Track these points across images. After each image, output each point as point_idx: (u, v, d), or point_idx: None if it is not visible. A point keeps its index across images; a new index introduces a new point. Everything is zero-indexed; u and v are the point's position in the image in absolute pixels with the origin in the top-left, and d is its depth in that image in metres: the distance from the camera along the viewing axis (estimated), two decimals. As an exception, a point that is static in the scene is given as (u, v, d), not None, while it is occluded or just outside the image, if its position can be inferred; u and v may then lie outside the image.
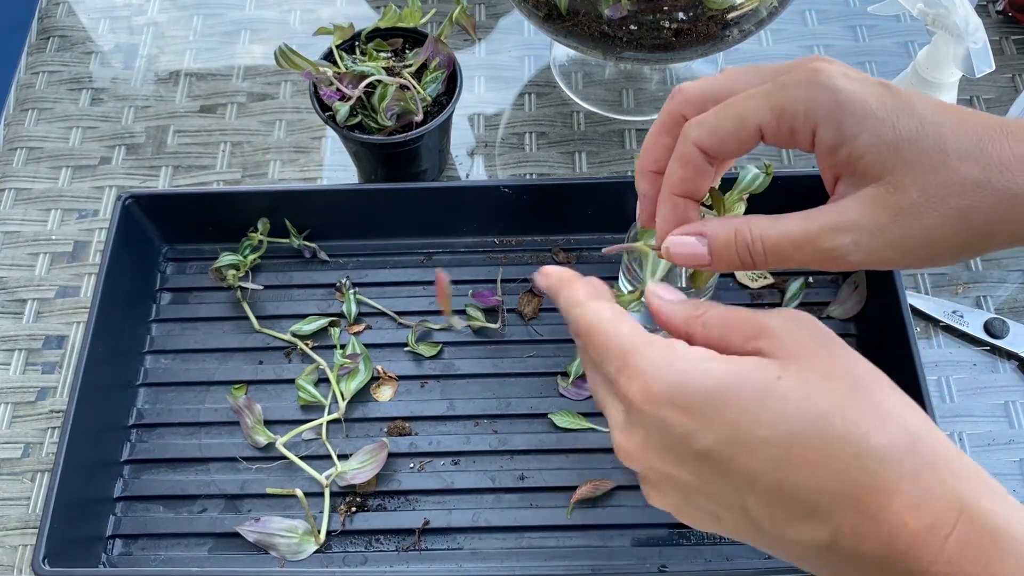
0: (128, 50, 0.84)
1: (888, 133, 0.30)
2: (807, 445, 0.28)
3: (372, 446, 0.61)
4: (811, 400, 0.28)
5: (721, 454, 0.29)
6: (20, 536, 0.61)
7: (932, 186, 0.30)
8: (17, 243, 0.73)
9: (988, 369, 0.65)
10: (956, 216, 0.30)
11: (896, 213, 0.31)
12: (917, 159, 0.30)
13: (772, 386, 0.29)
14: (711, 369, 0.30)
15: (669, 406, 0.30)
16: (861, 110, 0.31)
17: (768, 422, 0.28)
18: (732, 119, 0.33)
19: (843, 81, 0.31)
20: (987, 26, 0.78)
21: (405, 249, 0.71)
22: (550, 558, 0.59)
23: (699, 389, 0.29)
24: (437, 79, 0.67)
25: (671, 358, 0.30)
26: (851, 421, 0.28)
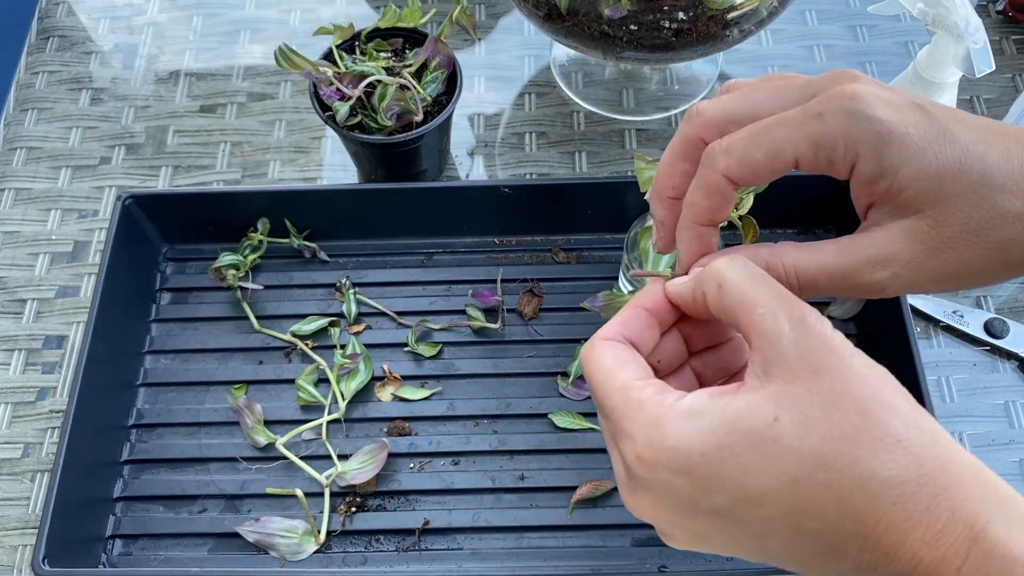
0: (128, 50, 0.84)
1: (931, 165, 0.29)
2: (814, 491, 0.27)
3: (372, 446, 0.61)
4: (811, 441, 0.27)
5: (734, 510, 0.29)
6: (20, 536, 0.61)
7: (975, 220, 0.29)
8: (17, 243, 0.73)
9: (988, 369, 0.65)
10: (996, 249, 0.30)
11: (937, 248, 0.30)
12: (961, 192, 0.29)
13: (767, 433, 0.28)
14: (702, 427, 0.29)
15: (668, 471, 0.29)
16: (902, 142, 0.29)
17: (771, 474, 0.28)
18: (765, 150, 0.31)
19: (883, 110, 0.30)
20: (987, 26, 0.78)
21: (405, 249, 0.71)
22: (550, 558, 0.59)
23: (693, 453, 0.28)
24: (437, 79, 0.67)
25: (661, 424, 0.29)
26: (856, 459, 0.27)
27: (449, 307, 0.68)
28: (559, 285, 0.69)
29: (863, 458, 0.27)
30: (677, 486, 0.29)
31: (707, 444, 0.28)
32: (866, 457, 0.27)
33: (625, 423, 0.30)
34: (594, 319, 0.65)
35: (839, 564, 0.28)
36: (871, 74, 0.80)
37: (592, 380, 0.32)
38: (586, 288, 0.67)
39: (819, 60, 0.81)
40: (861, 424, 0.27)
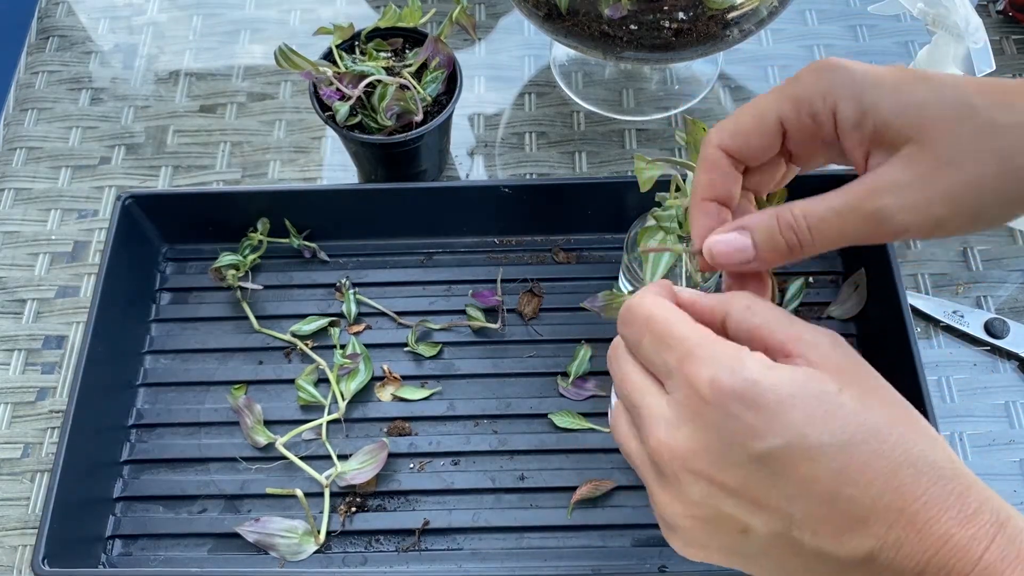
0: (128, 50, 0.84)
1: (909, 97, 0.30)
2: (867, 456, 0.28)
3: (372, 446, 0.61)
4: (869, 414, 0.29)
5: (783, 458, 0.29)
6: (19, 536, 0.61)
7: (965, 135, 0.30)
8: (17, 243, 0.73)
9: (988, 369, 0.65)
10: (997, 158, 0.30)
11: (935, 167, 0.30)
12: (943, 113, 0.30)
13: (834, 398, 0.29)
14: (780, 375, 0.30)
15: (738, 401, 0.29)
16: (876, 81, 0.31)
17: (831, 429, 0.29)
18: (750, 115, 0.33)
19: (854, 63, 0.32)
20: (987, 26, 0.78)
21: (405, 249, 0.71)
22: (550, 558, 0.59)
23: (770, 390, 0.29)
24: (437, 79, 0.67)
25: (742, 357, 0.30)
26: (908, 439, 0.29)
27: (449, 307, 0.68)
28: (559, 285, 0.69)
29: (914, 439, 0.29)
30: (740, 420, 0.29)
31: (781, 388, 0.29)
32: (916, 439, 0.29)
33: (703, 349, 0.30)
34: (594, 319, 0.65)
35: (859, 542, 0.28)
36: (871, 74, 0.80)
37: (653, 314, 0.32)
38: (586, 288, 0.67)
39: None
40: (912, 420, 0.30)
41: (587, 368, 0.64)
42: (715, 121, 0.77)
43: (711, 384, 0.29)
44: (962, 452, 0.62)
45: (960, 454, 0.62)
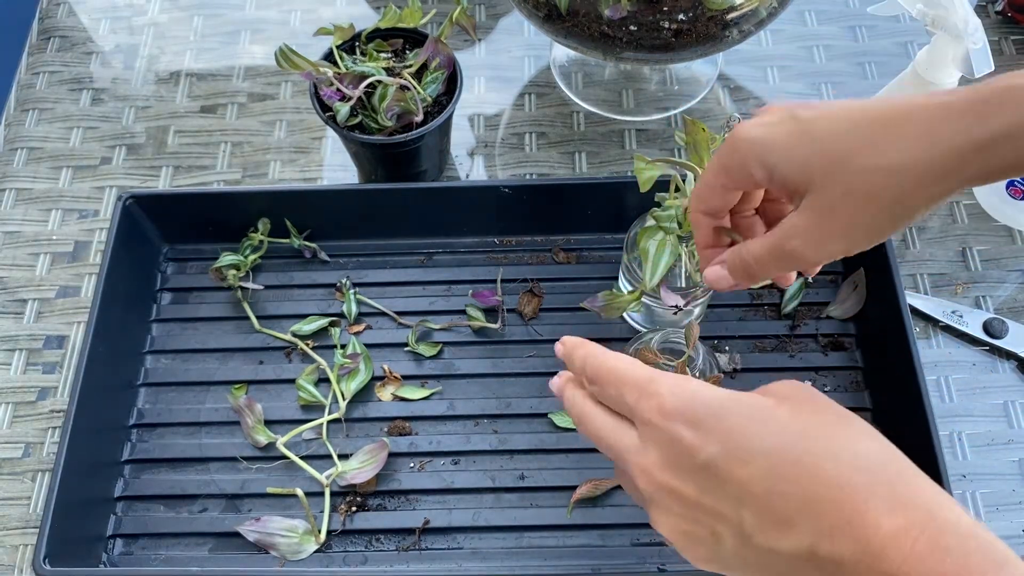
0: (129, 50, 0.84)
1: (798, 158, 0.38)
2: (793, 456, 0.31)
3: (372, 446, 0.61)
4: (798, 421, 0.33)
5: (720, 464, 0.32)
6: (21, 536, 0.61)
7: (840, 184, 0.37)
8: (18, 243, 0.73)
9: (987, 369, 0.65)
10: (866, 198, 0.37)
11: (822, 213, 0.38)
12: (823, 168, 0.37)
13: (766, 409, 0.33)
14: (714, 392, 0.34)
15: (680, 420, 0.34)
16: (772, 146, 0.38)
17: (760, 435, 0.32)
18: (706, 189, 0.43)
19: (756, 131, 0.39)
20: (986, 27, 0.79)
21: (405, 249, 0.71)
22: (550, 557, 0.59)
23: (704, 405, 0.34)
24: (437, 79, 0.67)
25: (683, 381, 0.35)
26: (832, 437, 0.32)
27: (449, 307, 0.68)
28: (559, 285, 0.69)
29: (839, 437, 0.32)
30: (684, 436, 0.33)
31: (717, 403, 0.34)
32: (842, 437, 0.32)
33: (652, 385, 0.35)
34: (594, 319, 0.65)
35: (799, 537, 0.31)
36: (871, 75, 0.80)
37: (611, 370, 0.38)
38: (586, 288, 0.67)
39: (819, 61, 0.81)
40: (842, 423, 0.33)
41: (587, 368, 0.65)
42: (715, 121, 0.77)
43: (659, 409, 0.34)
44: (961, 452, 0.62)
45: (959, 454, 0.62)
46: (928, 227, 0.72)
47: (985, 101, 0.35)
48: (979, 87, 0.36)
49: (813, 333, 0.66)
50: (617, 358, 0.38)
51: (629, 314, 0.67)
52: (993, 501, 0.61)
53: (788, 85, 0.80)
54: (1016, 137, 0.34)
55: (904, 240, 0.71)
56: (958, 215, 0.72)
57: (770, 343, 0.66)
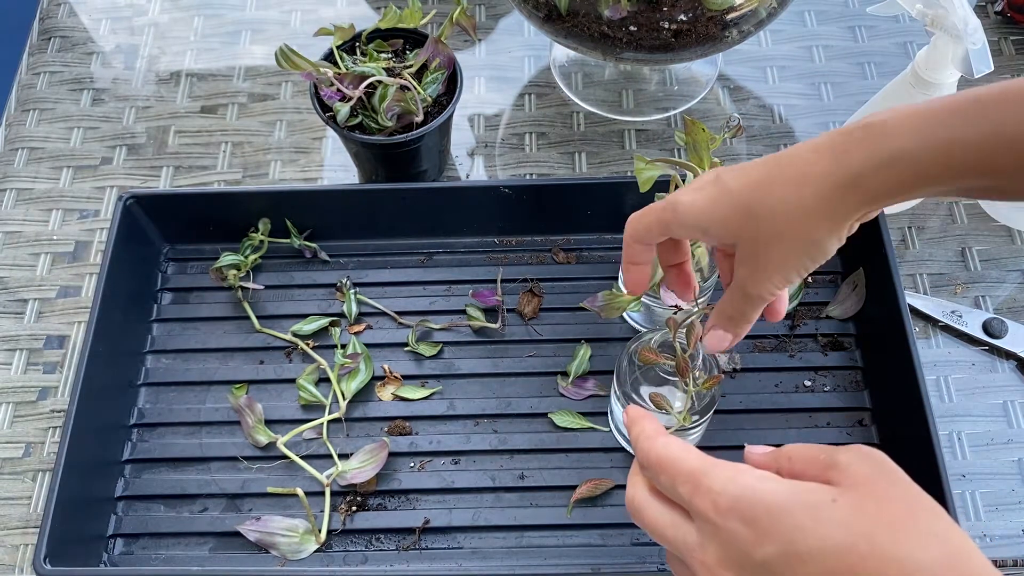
0: (129, 51, 0.84)
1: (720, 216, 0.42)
2: (855, 559, 0.31)
3: (372, 445, 0.61)
4: (861, 519, 0.32)
5: (780, 563, 0.32)
6: (21, 535, 0.61)
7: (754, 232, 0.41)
8: (18, 243, 0.73)
9: (987, 369, 0.65)
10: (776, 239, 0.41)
11: (753, 260, 0.42)
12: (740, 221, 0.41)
13: (825, 505, 0.33)
14: (769, 487, 0.34)
15: (735, 518, 0.34)
16: (701, 210, 0.42)
17: (819, 536, 0.32)
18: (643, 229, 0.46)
19: (686, 196, 0.43)
20: (986, 27, 0.79)
21: (405, 249, 0.71)
22: (550, 557, 0.59)
23: (758, 503, 0.33)
24: (437, 80, 0.67)
25: (734, 475, 0.35)
26: (897, 541, 0.31)
27: (449, 307, 0.68)
28: (559, 285, 0.69)
29: (903, 541, 0.31)
30: (740, 535, 0.33)
31: (772, 500, 0.33)
32: (906, 541, 0.31)
33: (704, 479, 0.35)
34: (594, 319, 0.65)
35: None
36: (871, 75, 0.80)
37: (663, 459, 0.38)
38: (586, 288, 0.68)
39: (818, 61, 0.81)
40: (908, 519, 0.32)
41: (587, 368, 0.65)
42: (714, 121, 0.77)
43: (714, 507, 0.35)
44: (960, 451, 0.62)
45: (959, 453, 0.62)
46: (927, 227, 0.72)
47: (845, 142, 0.38)
48: (847, 127, 0.39)
49: (813, 333, 0.66)
50: (666, 445, 0.38)
51: (629, 314, 0.67)
52: (992, 501, 0.61)
53: (788, 85, 0.80)
54: (876, 171, 0.38)
55: (903, 240, 0.71)
56: (957, 215, 0.72)
57: (770, 343, 0.66)
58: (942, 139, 0.37)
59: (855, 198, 0.39)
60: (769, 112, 0.78)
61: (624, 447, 0.62)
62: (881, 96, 0.68)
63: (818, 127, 0.77)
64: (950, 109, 0.38)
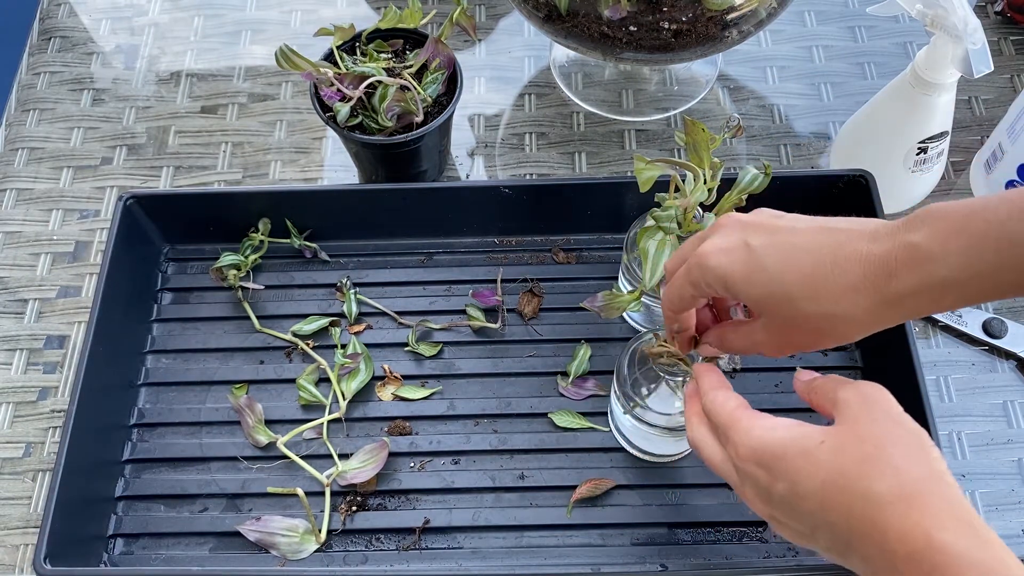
0: (129, 51, 0.84)
1: (753, 290, 0.43)
2: (835, 493, 0.38)
3: (373, 445, 0.61)
4: (839, 457, 0.38)
5: (789, 499, 0.39)
6: (22, 535, 0.61)
7: (789, 317, 0.43)
8: (19, 243, 0.73)
9: (987, 369, 0.65)
10: (811, 331, 0.43)
11: (779, 332, 0.45)
12: (775, 304, 0.43)
13: (813, 449, 0.39)
14: (776, 436, 0.41)
15: (752, 463, 0.41)
16: (732, 276, 0.44)
17: (810, 474, 0.39)
18: (676, 298, 0.48)
19: (715, 260, 0.44)
20: (986, 27, 0.79)
21: (405, 249, 0.71)
22: (550, 557, 0.59)
23: (766, 450, 0.41)
24: (437, 80, 0.67)
25: (749, 427, 0.42)
26: (861, 475, 0.37)
27: (449, 307, 0.68)
28: (559, 285, 0.69)
29: (867, 475, 0.37)
30: (760, 476, 0.41)
31: (776, 448, 0.41)
32: (869, 475, 0.37)
33: (730, 433, 0.43)
34: (594, 319, 0.65)
35: (857, 558, 0.38)
36: (870, 75, 0.80)
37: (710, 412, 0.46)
38: (586, 288, 0.68)
39: (818, 61, 0.81)
40: (875, 453, 0.38)
41: (587, 368, 0.65)
42: (714, 121, 0.77)
43: (738, 456, 0.43)
44: (960, 451, 0.62)
45: (958, 453, 0.62)
46: (927, 227, 0.72)
47: (893, 261, 0.40)
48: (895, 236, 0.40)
49: (813, 333, 0.66)
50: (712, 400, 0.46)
51: (629, 314, 0.67)
52: (992, 501, 0.61)
53: (788, 85, 0.80)
54: (919, 294, 0.39)
55: (903, 240, 0.71)
56: (957, 215, 0.72)
57: (770, 343, 0.66)
58: (990, 265, 0.38)
59: (896, 313, 0.41)
60: (769, 112, 0.78)
61: (624, 447, 0.62)
62: (881, 96, 0.68)
63: (818, 127, 0.77)
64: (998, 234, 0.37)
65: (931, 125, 0.65)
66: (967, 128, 0.77)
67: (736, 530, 0.59)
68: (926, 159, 0.67)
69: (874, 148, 0.69)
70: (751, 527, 0.59)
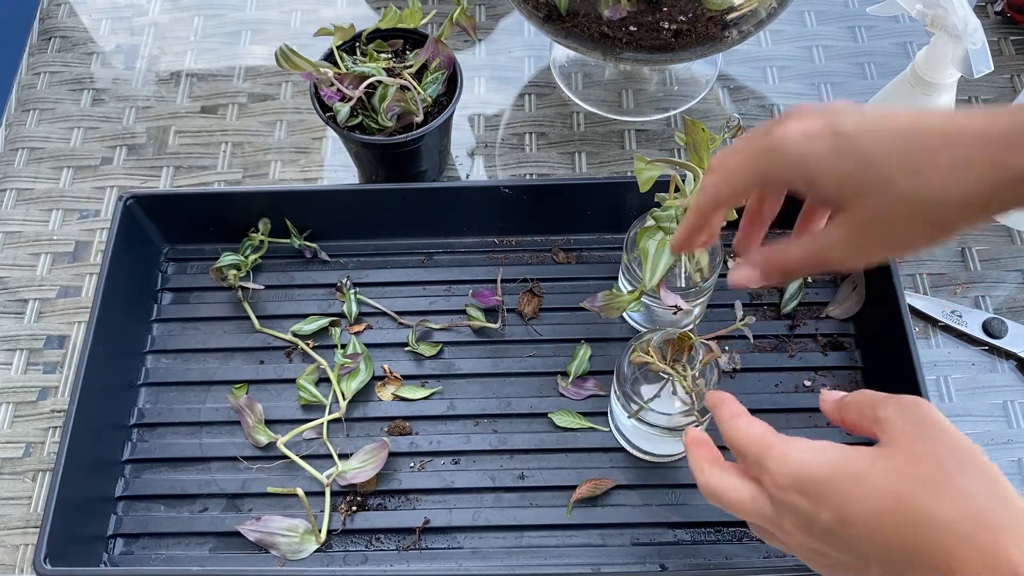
0: (129, 51, 0.84)
1: (838, 175, 0.38)
2: (893, 519, 0.35)
3: (372, 445, 0.61)
4: (897, 482, 0.36)
5: (837, 528, 0.37)
6: (22, 535, 0.61)
7: (881, 206, 0.38)
8: (19, 243, 0.73)
9: (987, 369, 0.65)
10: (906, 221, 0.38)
11: (863, 229, 0.39)
12: (865, 189, 0.37)
13: (865, 472, 0.37)
14: (816, 460, 0.38)
15: (793, 491, 0.38)
16: (815, 164, 0.38)
17: (862, 500, 0.36)
18: (735, 185, 0.42)
19: (796, 146, 0.39)
20: (986, 27, 0.79)
21: (405, 249, 0.71)
22: (550, 557, 0.59)
23: (808, 477, 0.38)
24: (437, 80, 0.67)
25: (785, 454, 0.39)
26: (927, 501, 0.35)
27: (449, 307, 0.68)
28: (559, 285, 0.69)
29: (932, 500, 0.35)
30: (802, 504, 0.38)
31: (819, 475, 0.38)
32: (935, 500, 0.35)
33: (764, 462, 0.40)
34: (594, 319, 0.65)
35: None
36: (870, 75, 0.80)
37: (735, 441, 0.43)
38: (586, 288, 0.68)
39: (818, 61, 0.81)
40: (937, 477, 0.35)
41: (587, 368, 0.65)
42: (714, 121, 0.77)
43: (776, 485, 0.39)
44: (960, 451, 0.62)
45: (958, 453, 0.62)
46: (927, 227, 0.72)
47: (1014, 135, 0.34)
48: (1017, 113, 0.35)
49: (812, 333, 0.66)
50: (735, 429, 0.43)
51: (629, 314, 0.67)
52: (992, 501, 0.61)
53: (788, 85, 0.80)
54: None
55: (903, 240, 0.71)
56: (957, 215, 0.72)
57: (769, 343, 0.66)
58: None
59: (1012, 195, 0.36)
60: (769, 112, 0.78)
61: (624, 447, 0.62)
62: (881, 96, 0.68)
63: (818, 127, 0.77)
64: None
65: (931, 125, 0.65)
66: (967, 128, 0.77)
67: (736, 530, 0.59)
68: (926, 159, 0.67)
69: (874, 148, 0.69)
70: (751, 527, 0.59)
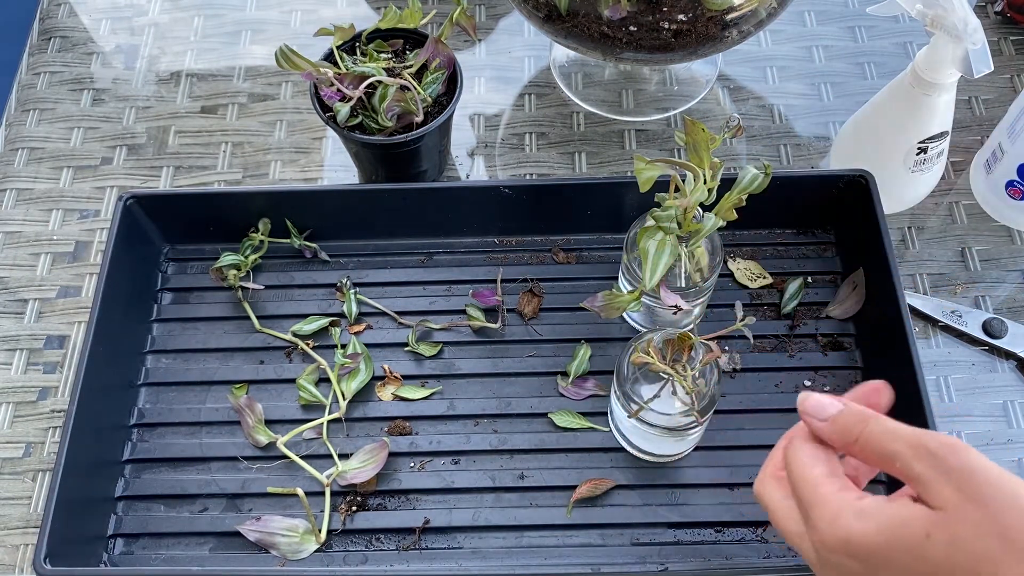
0: (129, 51, 0.84)
1: None
2: None
3: (372, 445, 0.61)
4: (958, 553, 0.34)
5: None
6: (22, 535, 0.61)
7: None
8: (19, 243, 0.73)
9: (987, 369, 0.65)
10: None
11: None
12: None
13: (923, 545, 0.35)
14: (867, 529, 0.36)
15: (842, 555, 0.37)
16: None
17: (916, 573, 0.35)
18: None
19: None
20: (986, 27, 0.79)
21: (405, 249, 0.71)
22: (550, 557, 0.59)
23: (860, 547, 0.37)
24: (437, 80, 0.67)
25: (835, 517, 0.38)
26: (996, 569, 0.33)
27: (449, 307, 0.68)
28: (559, 285, 0.69)
29: (1002, 568, 0.33)
30: (851, 567, 0.37)
31: (872, 545, 0.36)
32: (1005, 568, 0.33)
33: (812, 516, 0.39)
34: (594, 319, 0.65)
35: None
36: (870, 75, 0.80)
37: (789, 470, 0.41)
38: (586, 288, 0.68)
39: (818, 61, 0.81)
40: (1000, 547, 0.34)
41: (587, 368, 0.65)
42: (714, 121, 0.77)
43: (823, 545, 0.38)
44: (960, 451, 0.62)
45: (958, 453, 0.62)
46: (927, 227, 0.72)
47: None
48: None
49: (813, 333, 0.66)
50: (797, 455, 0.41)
51: (629, 314, 0.67)
52: (992, 501, 0.61)
53: (788, 85, 0.80)
54: None
55: (903, 240, 0.71)
56: (957, 215, 0.72)
57: (770, 343, 0.66)
58: None
59: None
60: (769, 112, 0.78)
61: (624, 447, 0.62)
62: (881, 96, 0.68)
63: (818, 127, 0.77)
64: None
65: (931, 125, 0.65)
66: (967, 128, 0.77)
67: (736, 530, 0.59)
68: (926, 159, 0.67)
69: (874, 148, 0.69)
70: (751, 527, 0.59)
